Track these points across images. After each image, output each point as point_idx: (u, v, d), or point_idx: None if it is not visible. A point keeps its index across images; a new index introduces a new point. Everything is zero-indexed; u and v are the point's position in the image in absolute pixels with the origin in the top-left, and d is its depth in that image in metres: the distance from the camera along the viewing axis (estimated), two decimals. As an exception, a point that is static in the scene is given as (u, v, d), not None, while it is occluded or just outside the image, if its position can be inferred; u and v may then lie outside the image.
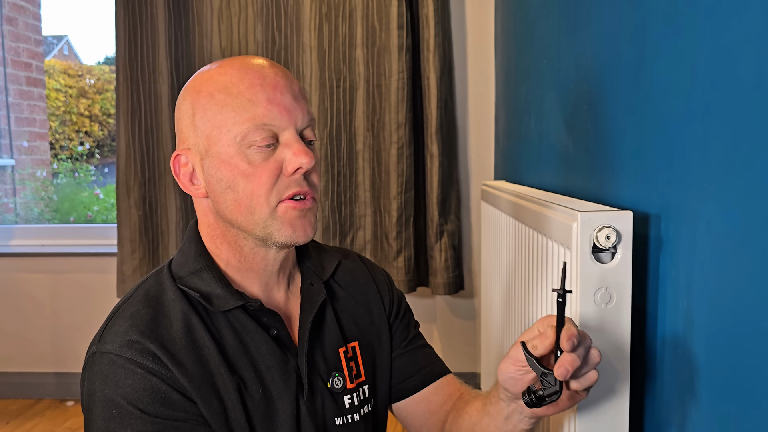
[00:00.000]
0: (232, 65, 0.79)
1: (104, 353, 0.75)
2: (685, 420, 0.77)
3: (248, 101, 0.76)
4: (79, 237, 2.62)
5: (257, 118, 0.76)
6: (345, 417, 0.87)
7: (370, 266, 1.01)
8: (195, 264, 0.82)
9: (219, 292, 0.80)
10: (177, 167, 0.82)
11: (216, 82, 0.78)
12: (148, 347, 0.74)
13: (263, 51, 2.24)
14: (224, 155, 0.77)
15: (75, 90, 3.80)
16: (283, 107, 0.77)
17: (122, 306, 0.80)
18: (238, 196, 0.78)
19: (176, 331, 0.77)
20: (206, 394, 0.76)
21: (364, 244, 2.28)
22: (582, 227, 0.83)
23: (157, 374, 0.74)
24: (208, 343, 0.78)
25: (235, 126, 0.76)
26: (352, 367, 0.90)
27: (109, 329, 0.77)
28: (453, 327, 2.42)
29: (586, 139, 1.14)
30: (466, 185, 2.37)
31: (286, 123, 0.77)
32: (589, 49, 1.12)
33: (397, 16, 2.15)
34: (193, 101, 0.79)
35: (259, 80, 0.77)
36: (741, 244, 0.64)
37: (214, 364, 0.77)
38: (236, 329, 0.81)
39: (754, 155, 0.61)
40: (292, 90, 0.79)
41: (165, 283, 0.81)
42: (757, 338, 0.61)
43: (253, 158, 0.76)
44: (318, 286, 0.90)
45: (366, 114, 2.23)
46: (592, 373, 0.69)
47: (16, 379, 2.55)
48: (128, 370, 0.73)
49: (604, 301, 0.83)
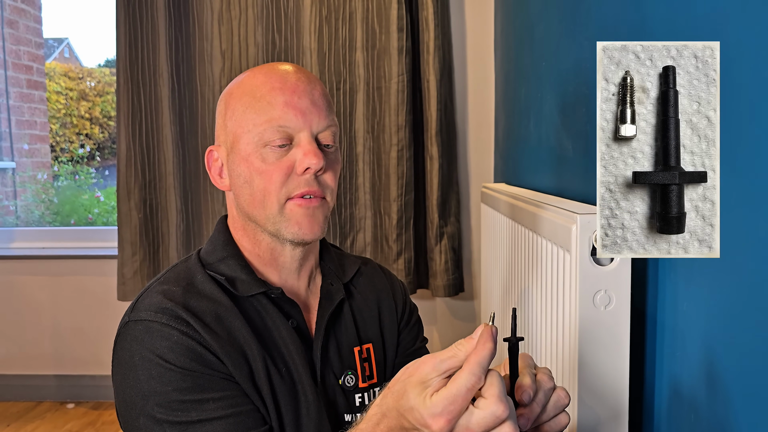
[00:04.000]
0: (261, 70, 0.85)
1: (138, 321, 0.78)
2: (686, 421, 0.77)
3: (268, 104, 0.81)
4: (80, 239, 2.62)
5: (274, 120, 0.81)
6: (354, 415, 0.88)
7: (388, 275, 1.03)
8: (222, 252, 0.87)
9: (243, 277, 0.84)
10: (210, 161, 0.89)
11: (245, 85, 0.84)
12: (180, 314, 0.78)
13: (263, 53, 2.24)
14: (244, 153, 0.82)
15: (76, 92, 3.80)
16: (299, 110, 0.81)
17: (152, 284, 0.84)
18: (253, 191, 0.82)
19: (206, 305, 0.81)
20: (236, 360, 0.79)
21: (364, 247, 2.28)
22: (581, 230, 0.83)
23: (190, 336, 0.77)
24: (237, 319, 0.81)
25: (255, 127, 0.81)
26: (366, 368, 0.92)
27: (141, 301, 0.81)
28: (453, 329, 2.43)
29: (585, 141, 1.15)
30: (465, 187, 2.37)
31: (301, 125, 0.82)
32: (588, 51, 1.12)
33: (396, 19, 2.16)
34: (226, 102, 0.86)
35: (279, 84, 0.82)
36: (740, 245, 0.64)
37: (242, 336, 0.80)
38: (260, 313, 0.84)
39: (753, 157, 0.61)
40: (312, 95, 0.83)
41: (194, 267, 0.86)
42: (756, 337, 0.61)
43: (268, 157, 0.81)
44: (338, 286, 0.93)
45: (366, 116, 2.23)
46: (562, 416, 0.63)
47: (16, 382, 2.55)
48: (163, 333, 0.77)
49: (603, 304, 0.83)
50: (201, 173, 2.32)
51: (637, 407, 0.90)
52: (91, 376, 2.53)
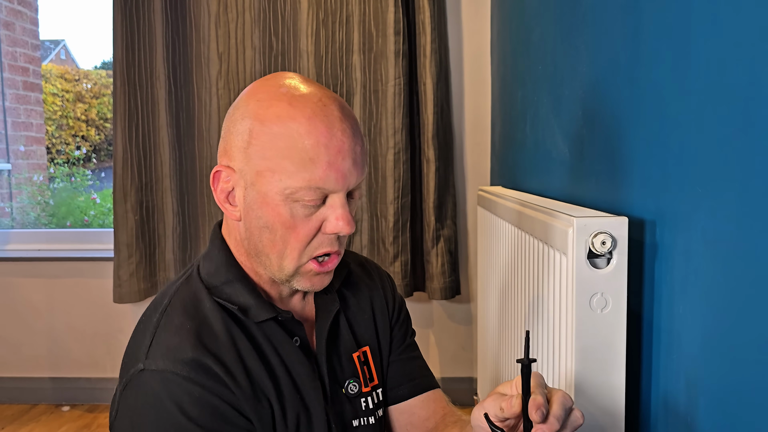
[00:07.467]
0: (303, 111, 0.74)
1: (155, 371, 0.74)
2: (682, 424, 0.77)
3: (310, 160, 0.73)
4: (76, 241, 2.62)
5: (313, 180, 0.74)
6: (361, 419, 0.89)
7: (376, 272, 1.02)
8: (227, 274, 0.82)
9: (253, 303, 0.81)
10: (216, 182, 0.80)
11: (282, 123, 0.74)
12: (203, 362, 0.74)
13: (260, 56, 2.24)
14: (270, 198, 0.76)
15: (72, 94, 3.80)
16: (341, 173, 0.75)
17: (162, 318, 0.79)
18: (275, 239, 0.78)
19: (223, 342, 0.78)
20: (255, 405, 0.77)
21: (361, 249, 2.28)
22: (578, 233, 0.84)
23: (213, 391, 0.74)
24: (251, 353, 0.79)
25: (290, 179, 0.74)
26: (365, 372, 0.92)
27: (156, 344, 0.76)
28: (449, 332, 2.42)
29: (581, 145, 1.15)
30: (462, 190, 2.37)
31: (339, 187, 0.76)
32: (584, 55, 1.13)
33: (393, 22, 2.16)
34: (252, 129, 0.76)
35: (325, 139, 0.74)
36: (736, 249, 0.64)
37: (257, 373, 0.79)
38: (271, 340, 0.82)
39: (748, 161, 0.61)
40: (354, 152, 0.76)
41: (200, 293, 0.81)
42: (751, 341, 0.61)
43: (297, 212, 0.76)
44: (332, 296, 0.91)
45: (363, 119, 2.24)
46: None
47: (11, 384, 2.54)
48: (185, 388, 0.73)
49: (600, 307, 0.84)
50: (197, 176, 2.32)
51: (634, 410, 0.91)
52: (87, 379, 2.52)
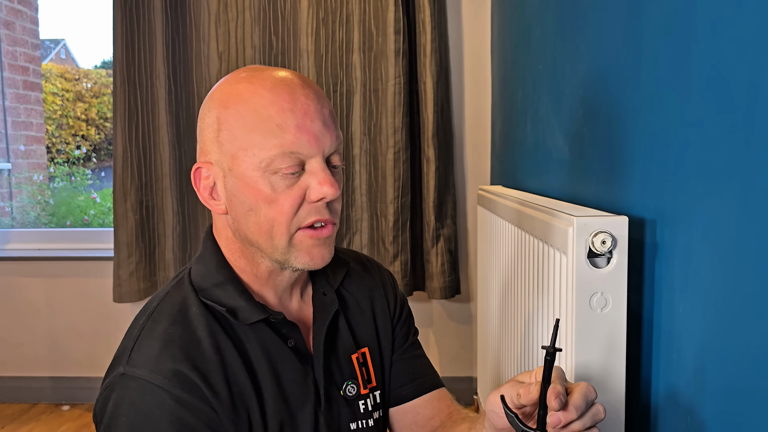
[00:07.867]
0: (263, 84, 0.75)
1: (133, 377, 0.73)
2: (682, 422, 0.77)
3: (277, 127, 0.73)
4: (76, 241, 2.62)
5: (285, 145, 0.73)
6: (358, 422, 0.87)
7: (377, 270, 1.00)
8: (217, 276, 0.81)
9: (243, 305, 0.80)
10: (198, 180, 0.80)
11: (245, 100, 0.75)
12: (182, 372, 0.73)
13: (260, 55, 2.24)
14: (248, 178, 0.75)
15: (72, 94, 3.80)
16: (312, 135, 0.74)
17: (147, 323, 0.78)
18: (260, 220, 0.76)
19: (207, 350, 0.76)
20: (233, 417, 0.75)
21: (361, 248, 2.28)
22: (578, 232, 0.83)
23: (186, 405, 0.72)
24: (236, 360, 0.78)
25: (262, 151, 0.74)
26: (364, 373, 0.90)
27: (138, 350, 0.75)
28: (449, 331, 2.43)
29: (581, 144, 1.15)
30: (462, 190, 2.37)
31: (314, 151, 0.75)
32: (585, 54, 1.12)
33: (394, 21, 2.16)
34: (220, 116, 0.77)
35: (289, 104, 0.74)
36: (736, 248, 0.64)
37: (240, 382, 0.77)
38: (261, 343, 0.80)
39: (749, 160, 0.61)
40: (323, 115, 0.76)
41: (188, 296, 0.80)
42: (752, 340, 0.61)
43: (277, 185, 0.75)
44: (330, 296, 0.89)
45: (363, 118, 2.24)
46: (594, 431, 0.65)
47: (11, 384, 2.54)
48: (158, 398, 0.72)
49: (600, 306, 0.84)
50: (197, 175, 2.32)
51: (634, 409, 0.90)
52: (87, 378, 2.52)
